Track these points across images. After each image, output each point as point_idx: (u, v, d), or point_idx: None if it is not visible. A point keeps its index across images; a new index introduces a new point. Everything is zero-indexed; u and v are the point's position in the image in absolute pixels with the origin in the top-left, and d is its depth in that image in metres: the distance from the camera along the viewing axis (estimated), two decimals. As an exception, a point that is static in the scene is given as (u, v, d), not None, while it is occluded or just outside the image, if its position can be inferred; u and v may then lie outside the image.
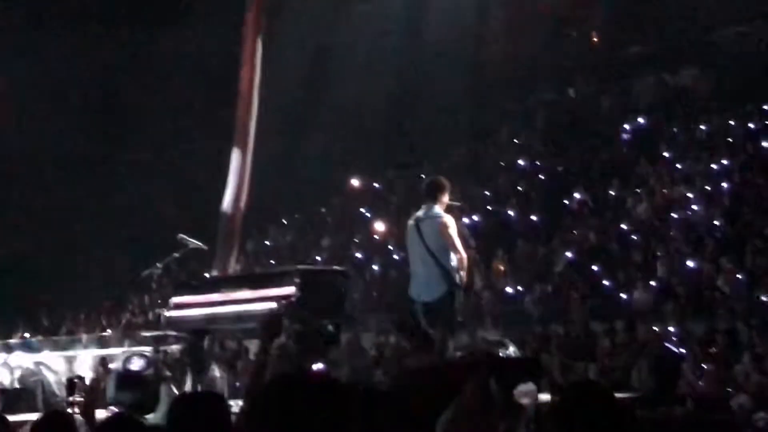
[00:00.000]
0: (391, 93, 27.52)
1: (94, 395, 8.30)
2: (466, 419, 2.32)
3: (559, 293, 19.69)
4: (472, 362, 3.38)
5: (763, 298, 16.58)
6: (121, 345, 19.57)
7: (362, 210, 27.37)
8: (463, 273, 11.21)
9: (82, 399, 8.04)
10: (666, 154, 22.96)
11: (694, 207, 20.31)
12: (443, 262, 11.03)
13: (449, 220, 11.15)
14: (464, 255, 11.15)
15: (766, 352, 14.12)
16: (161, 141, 27.89)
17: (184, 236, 13.93)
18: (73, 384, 8.79)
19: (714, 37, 26.26)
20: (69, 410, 8.18)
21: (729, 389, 12.91)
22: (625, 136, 24.73)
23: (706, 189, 20.69)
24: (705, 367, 14.63)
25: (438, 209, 11.20)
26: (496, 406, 2.39)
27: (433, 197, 11.29)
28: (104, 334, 24.58)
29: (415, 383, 3.77)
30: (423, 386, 3.67)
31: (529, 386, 2.40)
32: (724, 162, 21.29)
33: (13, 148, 26.17)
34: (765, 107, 22.40)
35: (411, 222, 11.47)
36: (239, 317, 12.28)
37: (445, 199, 11.35)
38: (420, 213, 11.38)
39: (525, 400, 2.44)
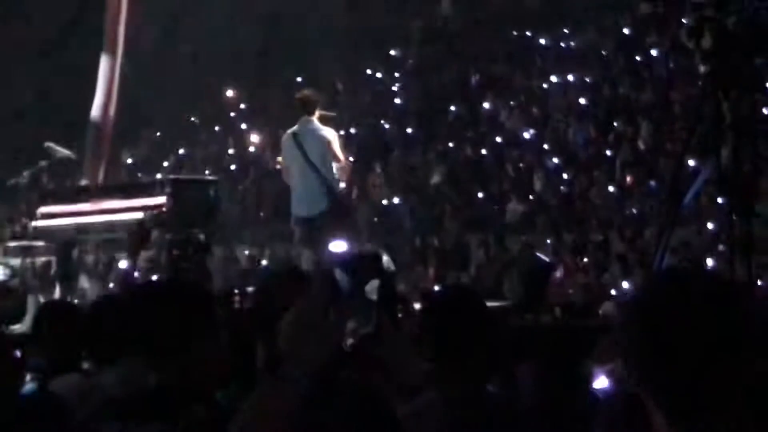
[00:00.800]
0: (264, 4, 27.11)
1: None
2: (308, 316, 2.26)
3: (434, 206, 19.82)
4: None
5: (633, 210, 16.93)
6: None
7: (236, 120, 27.09)
8: (343, 185, 11.20)
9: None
10: (540, 67, 23.08)
11: (568, 120, 20.53)
12: (326, 174, 10.95)
13: (330, 133, 11.07)
14: (347, 167, 11.12)
15: (634, 260, 14.43)
16: (29, 48, 27.07)
17: (52, 145, 13.61)
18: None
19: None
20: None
21: (596, 298, 13.15)
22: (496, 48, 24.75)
23: (580, 102, 20.91)
24: (575, 276, 14.92)
25: (316, 122, 11.10)
26: (342, 299, 2.34)
27: (310, 111, 11.18)
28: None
29: (275, 286, 3.70)
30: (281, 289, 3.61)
31: (375, 282, 2.37)
32: (597, 74, 21.49)
33: None
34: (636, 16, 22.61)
35: (287, 137, 11.34)
36: (109, 227, 12.10)
37: (319, 112, 11.25)
38: (296, 127, 11.25)
39: (374, 296, 2.41)
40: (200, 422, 2.98)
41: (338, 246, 9.15)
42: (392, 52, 27.19)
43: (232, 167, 24.45)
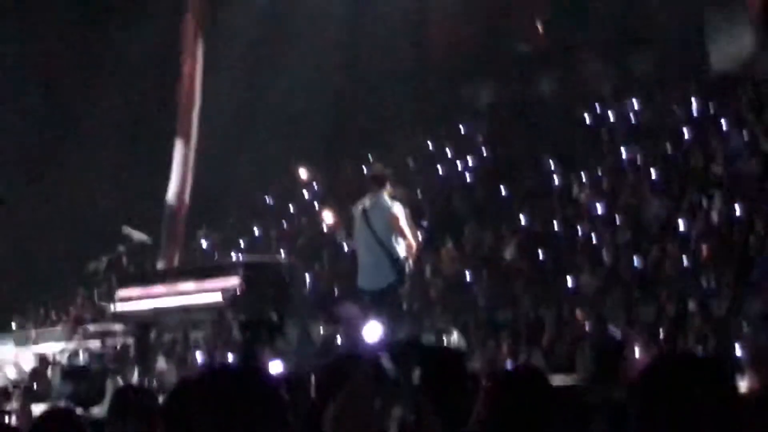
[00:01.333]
0: (335, 84, 27.50)
1: (28, 399, 8.29)
2: (353, 404, 2.36)
3: (506, 280, 19.80)
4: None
5: (704, 282, 16.78)
6: (68, 339, 19.45)
7: (309, 200, 27.37)
8: (411, 261, 11.29)
9: (17, 406, 8.03)
10: (610, 142, 23.09)
11: (640, 193, 20.47)
12: (392, 250, 11.07)
13: (399, 209, 11.21)
14: (414, 243, 11.22)
15: (707, 331, 14.30)
16: (105, 134, 27.68)
17: (129, 229, 13.94)
18: (7, 392, 8.79)
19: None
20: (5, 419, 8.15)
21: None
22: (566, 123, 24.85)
23: (650, 176, 20.86)
24: (651, 350, 14.79)
25: (386, 198, 11.25)
26: (387, 389, 2.43)
27: (379, 185, 11.34)
28: (52, 328, 24.40)
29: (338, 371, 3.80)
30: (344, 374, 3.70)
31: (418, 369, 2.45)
32: (667, 148, 21.45)
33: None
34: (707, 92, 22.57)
35: (358, 211, 11.51)
36: (185, 309, 12.33)
37: (389, 188, 11.40)
38: (367, 202, 11.42)
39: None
40: None
41: (379, 331, 9.26)
42: (461, 127, 27.39)
43: (306, 246, 24.63)
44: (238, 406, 3.47)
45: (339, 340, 19.08)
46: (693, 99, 22.46)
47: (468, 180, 24.59)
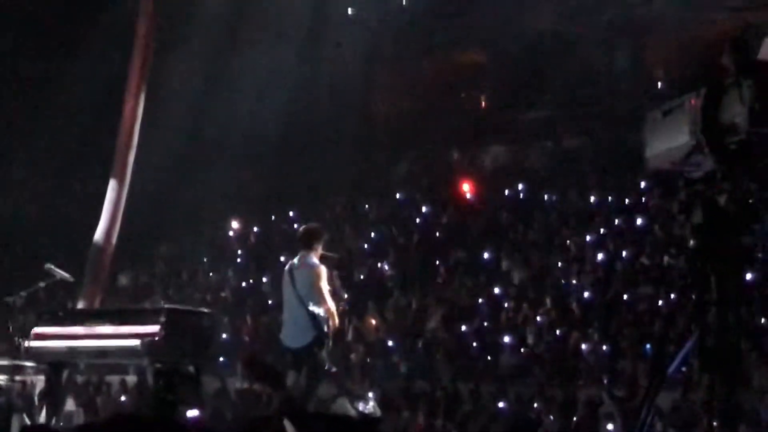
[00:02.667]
0: (275, 141, 27.53)
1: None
2: None
3: (428, 350, 19.80)
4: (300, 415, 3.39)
5: (626, 369, 16.91)
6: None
7: (239, 252, 27.25)
8: (331, 323, 11.23)
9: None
10: (543, 221, 23.33)
11: (567, 275, 20.65)
12: (313, 309, 11.03)
13: (321, 270, 11.17)
14: (332, 306, 11.16)
15: (625, 422, 14.37)
16: (38, 165, 27.41)
17: (52, 266, 13.72)
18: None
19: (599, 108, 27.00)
20: None
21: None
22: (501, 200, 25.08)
23: (580, 259, 21.06)
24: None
25: (312, 258, 11.22)
26: None
27: (308, 245, 11.31)
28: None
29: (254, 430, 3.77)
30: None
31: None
32: (600, 233, 21.69)
33: None
34: (642, 183, 22.91)
35: (286, 269, 11.48)
36: (102, 352, 12.13)
37: (320, 248, 11.37)
38: (295, 260, 11.39)
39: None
40: None
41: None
42: (398, 196, 27.50)
43: (231, 298, 24.47)
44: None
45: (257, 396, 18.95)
46: (628, 190, 22.86)
47: (398, 249, 24.62)
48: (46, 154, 27.34)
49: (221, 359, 20.71)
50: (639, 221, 21.68)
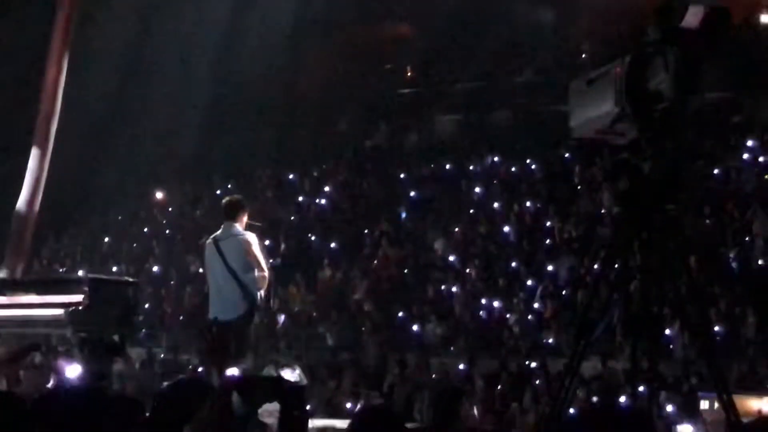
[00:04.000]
0: (201, 106, 27.30)
1: None
2: None
3: (354, 321, 19.86)
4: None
5: (549, 341, 17.11)
6: None
7: (163, 222, 27.08)
8: (262, 292, 11.15)
9: None
10: (468, 192, 23.43)
11: (492, 245, 20.80)
12: (244, 281, 10.94)
13: (252, 238, 11.08)
14: (266, 272, 11.09)
15: (544, 391, 14.54)
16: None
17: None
18: None
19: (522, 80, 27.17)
20: None
21: (507, 427, 13.23)
22: (427, 172, 25.15)
23: (503, 229, 21.21)
24: (487, 403, 14.98)
25: (239, 228, 11.13)
26: (236, 423, 2.40)
27: (233, 217, 11.21)
28: None
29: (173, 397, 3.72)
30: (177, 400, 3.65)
31: (275, 405, 2.40)
32: (526, 203, 21.85)
33: None
34: (566, 155, 23.10)
35: (209, 241, 11.35)
36: (25, 321, 11.98)
37: (245, 219, 11.29)
38: (219, 232, 11.28)
39: (269, 419, 2.45)
40: None
41: (237, 369, 9.17)
42: (324, 166, 27.47)
43: (155, 269, 24.32)
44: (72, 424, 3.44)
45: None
46: (552, 159, 23.06)
47: (324, 219, 24.61)
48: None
49: (145, 330, 20.62)
50: (563, 190, 21.88)
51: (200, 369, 13.12)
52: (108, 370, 11.02)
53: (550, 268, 19.13)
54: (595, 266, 16.75)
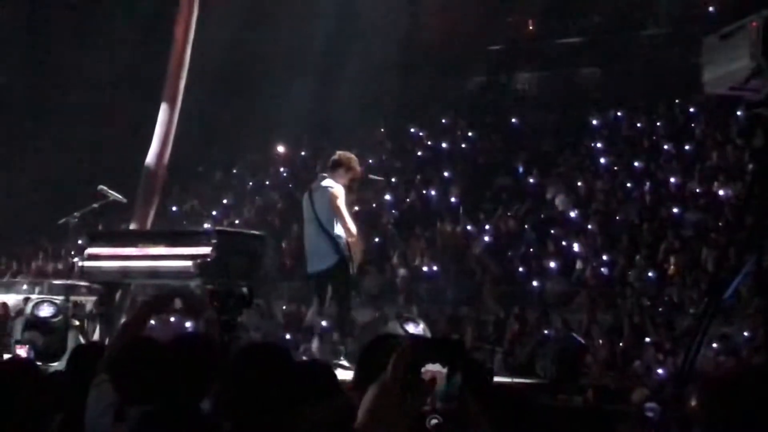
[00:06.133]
0: (322, 62, 27.43)
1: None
2: (384, 396, 2.38)
3: (473, 276, 19.87)
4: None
5: (673, 298, 16.91)
6: (31, 291, 19.38)
7: (285, 175, 27.37)
8: (351, 244, 11.19)
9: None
10: (590, 147, 23.21)
11: (613, 201, 20.60)
12: (332, 232, 11.02)
13: (339, 191, 11.12)
14: (352, 226, 11.13)
15: (668, 348, 14.40)
16: (88, 89, 27.53)
17: (105, 188, 13.84)
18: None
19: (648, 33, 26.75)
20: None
21: (629, 382, 13.13)
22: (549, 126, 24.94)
23: (627, 185, 20.98)
24: (609, 359, 14.89)
25: (330, 181, 11.19)
26: (416, 387, 2.44)
27: (332, 169, 11.30)
28: (15, 279, 24.26)
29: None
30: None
31: (437, 366, 2.42)
32: (650, 159, 21.56)
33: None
34: (691, 109, 22.72)
35: (306, 193, 11.50)
36: (154, 273, 12.22)
37: (344, 173, 11.31)
38: (314, 183, 11.41)
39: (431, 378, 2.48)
40: None
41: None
42: (443, 120, 27.43)
43: (276, 222, 24.63)
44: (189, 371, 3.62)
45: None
46: (678, 116, 22.69)
47: (445, 174, 24.60)
48: (95, 79, 27.44)
49: (267, 282, 20.93)
50: (687, 147, 21.55)
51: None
52: (236, 322, 11.19)
53: (673, 224, 18.86)
54: (720, 223, 16.54)
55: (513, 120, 26.01)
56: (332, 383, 4.30)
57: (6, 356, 10.68)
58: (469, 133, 26.28)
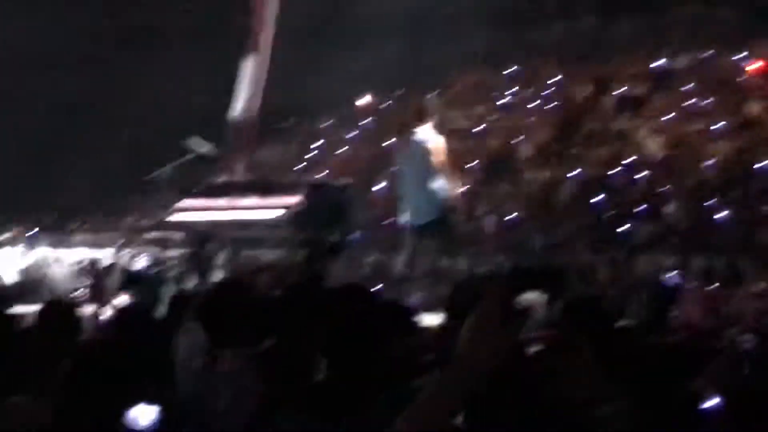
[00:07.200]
0: (407, 12, 27.28)
1: (100, 281, 8.50)
2: (481, 325, 2.42)
3: (561, 223, 19.77)
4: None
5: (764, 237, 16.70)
6: (126, 245, 19.73)
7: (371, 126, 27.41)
8: (451, 194, 11.21)
9: (88, 285, 8.27)
10: (682, 89, 22.85)
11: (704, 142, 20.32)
12: (433, 185, 11.02)
13: (439, 143, 11.14)
14: (453, 179, 11.15)
15: (764, 288, 14.24)
16: (171, 43, 27.71)
17: (196, 139, 14.05)
18: (78, 271, 8.99)
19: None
20: (76, 294, 8.40)
21: (723, 322, 13.03)
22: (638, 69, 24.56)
23: (717, 127, 20.67)
24: (703, 300, 14.77)
25: (428, 130, 11.20)
26: (514, 315, 2.47)
27: (424, 119, 11.30)
28: (110, 234, 24.70)
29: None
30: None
31: (535, 294, 2.43)
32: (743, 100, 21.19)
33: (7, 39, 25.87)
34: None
35: (403, 143, 11.50)
36: (245, 224, 12.43)
37: (436, 122, 11.33)
38: (412, 136, 11.40)
39: (530, 306, 2.48)
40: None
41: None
42: (527, 66, 27.20)
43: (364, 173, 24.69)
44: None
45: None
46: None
47: (530, 119, 24.44)
48: (179, 32, 27.64)
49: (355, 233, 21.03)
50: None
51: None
52: (326, 271, 11.33)
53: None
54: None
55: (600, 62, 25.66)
56: (411, 323, 4.38)
57: (106, 308, 10.93)
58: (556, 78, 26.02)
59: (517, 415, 2.18)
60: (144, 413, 4.09)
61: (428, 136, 11.11)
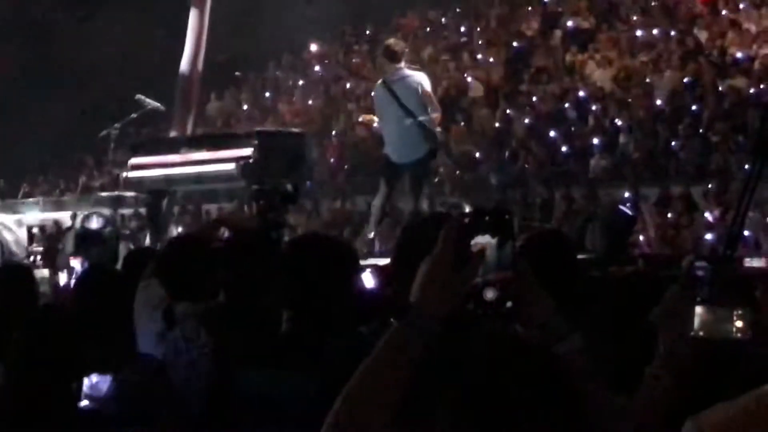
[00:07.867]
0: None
1: (53, 243, 8.41)
2: (436, 269, 2.38)
3: (516, 159, 19.80)
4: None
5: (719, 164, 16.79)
6: (78, 206, 19.58)
7: (320, 73, 27.26)
8: (438, 130, 11.18)
9: (42, 248, 8.20)
10: (628, 20, 22.82)
11: (655, 73, 20.33)
12: (423, 119, 10.93)
13: (424, 77, 11.09)
14: (439, 112, 11.12)
15: (717, 216, 14.36)
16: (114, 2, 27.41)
17: (142, 97, 13.89)
18: (32, 234, 8.90)
19: None
20: (29, 259, 8.33)
21: (680, 251, 13.12)
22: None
23: (664, 57, 20.68)
24: (658, 230, 14.87)
25: (407, 69, 11.13)
26: (467, 259, 2.43)
27: (397, 59, 11.21)
28: (61, 196, 24.52)
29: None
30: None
31: (486, 237, 2.39)
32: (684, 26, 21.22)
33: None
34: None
35: (379, 85, 11.38)
36: (198, 178, 12.32)
37: (404, 59, 11.28)
38: (388, 75, 11.26)
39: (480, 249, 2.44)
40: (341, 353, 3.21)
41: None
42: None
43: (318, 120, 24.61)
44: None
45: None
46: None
47: (479, 58, 24.37)
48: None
49: (310, 182, 20.95)
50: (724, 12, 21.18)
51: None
52: (283, 220, 11.24)
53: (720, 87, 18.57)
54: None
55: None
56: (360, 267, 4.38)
57: (62, 271, 10.84)
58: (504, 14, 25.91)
59: (475, 362, 2.15)
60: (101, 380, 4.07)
61: (411, 72, 11.03)
